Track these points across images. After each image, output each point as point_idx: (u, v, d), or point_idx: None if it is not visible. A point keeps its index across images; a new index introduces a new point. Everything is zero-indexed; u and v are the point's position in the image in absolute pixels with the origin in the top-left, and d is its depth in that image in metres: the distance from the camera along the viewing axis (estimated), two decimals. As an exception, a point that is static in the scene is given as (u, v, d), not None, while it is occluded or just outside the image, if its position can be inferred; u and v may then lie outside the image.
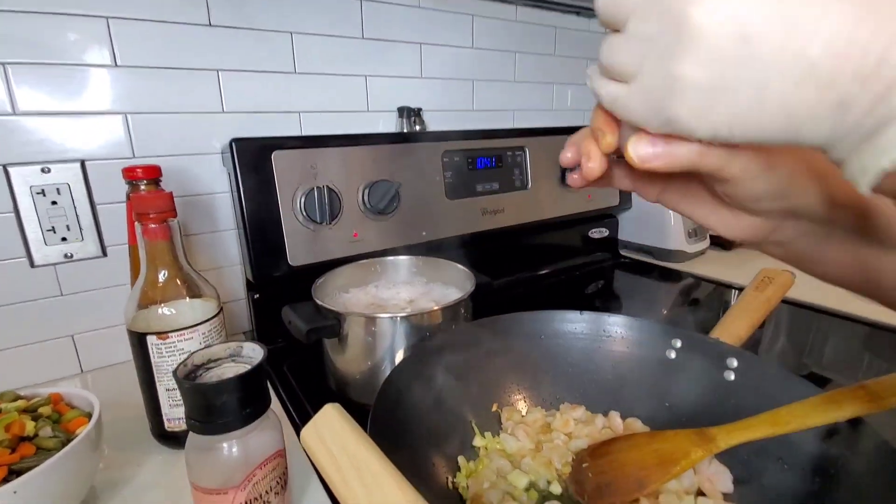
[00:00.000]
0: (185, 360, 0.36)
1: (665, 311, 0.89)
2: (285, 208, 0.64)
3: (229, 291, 0.73)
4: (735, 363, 0.47)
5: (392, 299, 0.66)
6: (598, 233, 1.10)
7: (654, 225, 1.08)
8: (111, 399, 0.57)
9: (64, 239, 0.59)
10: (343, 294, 0.65)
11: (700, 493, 0.41)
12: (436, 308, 0.54)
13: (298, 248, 0.66)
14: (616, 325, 0.55)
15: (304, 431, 0.29)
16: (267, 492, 0.36)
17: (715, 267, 1.03)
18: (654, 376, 0.52)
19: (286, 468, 0.39)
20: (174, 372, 0.34)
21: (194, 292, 0.48)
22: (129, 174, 0.51)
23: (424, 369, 0.47)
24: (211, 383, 0.33)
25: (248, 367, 0.35)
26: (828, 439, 0.38)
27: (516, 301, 0.90)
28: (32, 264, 0.58)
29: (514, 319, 0.56)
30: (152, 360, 0.45)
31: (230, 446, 0.34)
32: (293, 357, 0.67)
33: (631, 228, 1.13)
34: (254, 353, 0.38)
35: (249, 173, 0.62)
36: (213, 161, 0.68)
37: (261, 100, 0.70)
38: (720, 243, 1.14)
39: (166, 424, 0.47)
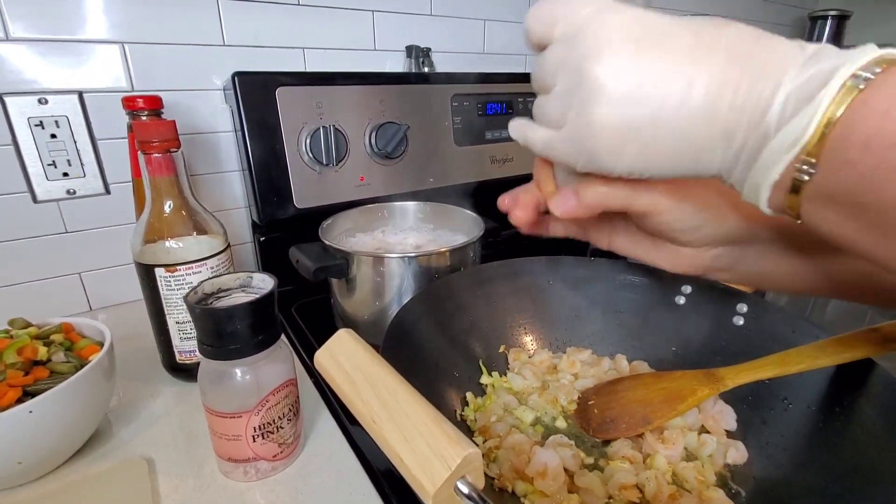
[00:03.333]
0: (196, 287, 0.36)
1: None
2: (290, 148, 0.63)
3: (235, 234, 0.73)
4: (745, 308, 0.47)
5: (399, 244, 0.65)
6: (606, 186, 1.08)
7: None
8: (122, 335, 0.58)
9: (65, 174, 0.58)
10: (349, 238, 0.65)
11: (704, 430, 0.42)
12: (444, 250, 0.54)
13: (304, 190, 0.65)
14: (625, 272, 0.55)
15: (319, 354, 0.29)
16: (280, 417, 0.37)
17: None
18: (662, 321, 0.52)
19: (297, 397, 0.39)
20: (185, 297, 0.34)
21: (201, 228, 0.47)
22: (130, 104, 0.49)
23: (433, 308, 0.47)
24: (222, 308, 0.33)
25: (259, 296, 0.34)
26: (834, 379, 0.39)
27: (524, 252, 0.89)
28: (35, 199, 0.57)
29: (523, 263, 0.55)
30: (161, 293, 0.45)
31: (243, 372, 0.35)
32: (301, 300, 0.67)
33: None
34: (263, 283, 0.38)
35: (253, 110, 0.60)
36: (214, 98, 0.66)
37: (263, 33, 0.67)
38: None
39: (177, 357, 0.47)
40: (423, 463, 0.21)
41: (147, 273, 0.44)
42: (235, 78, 0.58)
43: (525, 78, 0.86)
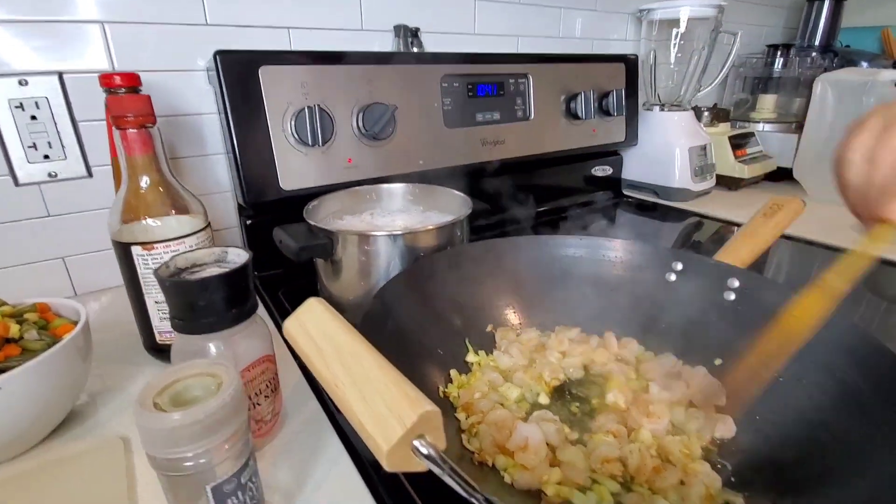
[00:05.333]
0: (168, 261, 0.35)
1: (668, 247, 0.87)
2: (275, 129, 0.62)
3: (222, 218, 0.72)
4: (736, 283, 0.46)
5: (387, 226, 0.64)
6: (601, 171, 1.07)
7: (660, 162, 1.04)
8: (106, 318, 0.58)
9: (47, 157, 0.57)
10: (337, 221, 0.64)
11: (692, 405, 0.41)
12: (431, 228, 0.53)
13: (290, 172, 0.64)
14: (616, 250, 0.54)
15: (287, 322, 0.28)
16: (256, 394, 0.36)
17: (720, 206, 1.01)
18: (653, 299, 0.51)
19: (276, 374, 0.39)
20: (155, 271, 0.33)
21: (180, 207, 0.46)
22: (106, 81, 0.48)
23: (415, 287, 0.46)
24: (192, 280, 0.32)
25: (230, 268, 0.33)
26: (827, 352, 0.38)
27: (515, 233, 0.88)
28: (17, 182, 0.56)
29: (508, 242, 0.54)
30: (139, 272, 0.44)
31: (216, 347, 0.34)
32: (289, 284, 0.67)
33: (635, 167, 1.10)
34: (238, 257, 0.37)
35: (236, 89, 0.59)
36: (198, 79, 0.65)
37: (247, 13, 0.65)
38: (726, 183, 1.11)
39: (157, 337, 0.47)
40: (379, 422, 0.20)
41: (124, 252, 0.43)
42: (217, 56, 0.57)
43: (515, 59, 0.85)
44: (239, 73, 0.59)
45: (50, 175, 0.58)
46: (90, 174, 0.60)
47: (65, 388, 0.38)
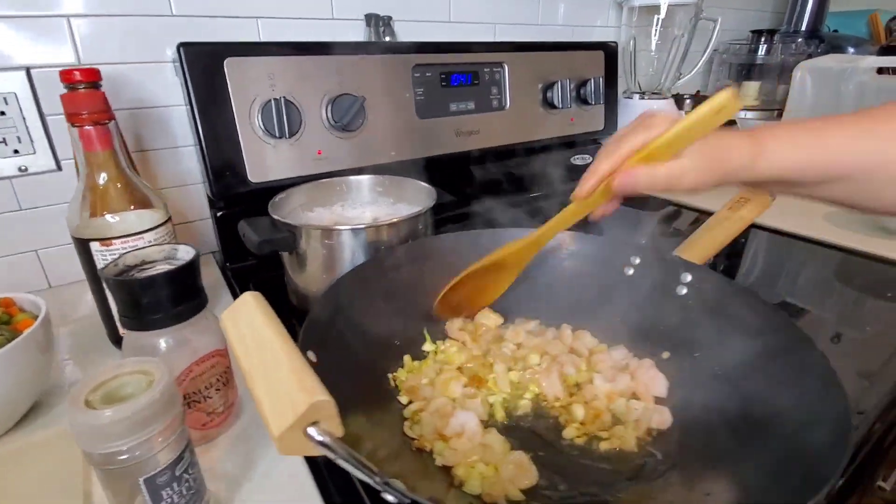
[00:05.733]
0: (116, 259, 0.36)
1: (643, 240, 0.88)
2: (242, 121, 0.62)
3: (194, 210, 0.73)
4: (688, 278, 0.47)
5: (357, 219, 0.65)
6: (581, 159, 1.07)
7: (640, 150, 1.04)
8: (76, 310, 0.59)
9: (16, 151, 0.57)
10: (307, 213, 0.64)
11: (635, 397, 0.43)
12: (394, 221, 0.53)
13: (259, 165, 0.65)
14: (577, 242, 0.55)
15: (223, 314, 0.30)
16: (207, 387, 0.38)
17: (698, 196, 1.01)
18: (612, 292, 0.52)
19: (228, 367, 0.40)
20: (101, 270, 0.34)
21: (140, 202, 0.47)
22: (67, 77, 0.48)
23: (371, 281, 0.47)
24: (136, 279, 0.33)
25: (176, 266, 0.35)
26: (762, 357, 0.39)
27: (489, 226, 0.89)
28: (-15, 176, 0.57)
29: (466, 236, 0.55)
30: (99, 267, 0.45)
31: (165, 342, 0.35)
32: (260, 275, 0.68)
33: (616, 155, 1.10)
34: (187, 254, 0.38)
35: (201, 82, 0.59)
36: (166, 71, 0.65)
37: (214, 3, 0.65)
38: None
39: (119, 330, 0.48)
40: (275, 409, 0.22)
41: (83, 248, 0.44)
42: (181, 49, 0.57)
43: (490, 47, 0.84)
44: (204, 65, 0.59)
45: (20, 169, 0.58)
46: (59, 167, 0.61)
47: (25, 381, 0.40)
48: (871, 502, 0.56)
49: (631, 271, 0.52)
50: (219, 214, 0.68)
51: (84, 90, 0.49)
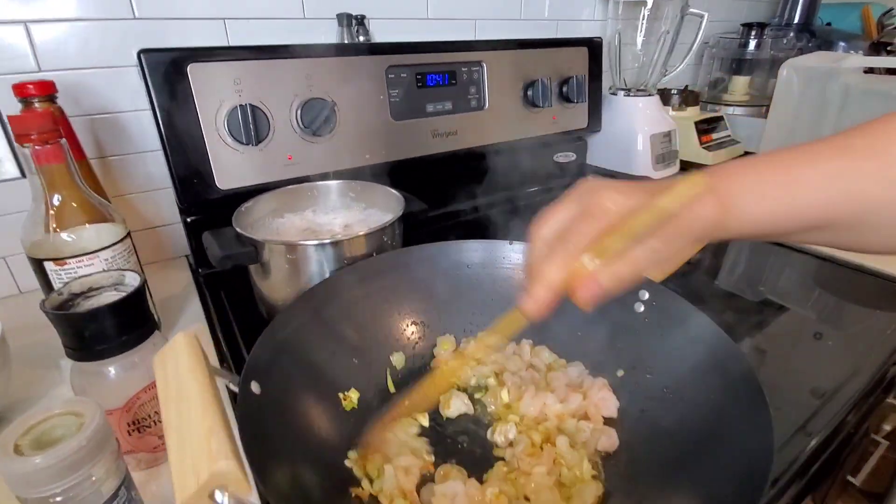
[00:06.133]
0: (61, 288, 0.36)
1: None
2: (208, 128, 0.61)
3: (166, 215, 0.72)
4: (646, 295, 0.48)
5: (327, 225, 0.65)
6: (564, 157, 1.06)
7: (622, 149, 1.03)
8: (41, 321, 0.59)
9: (-25, 159, 0.57)
10: (277, 219, 0.64)
11: (585, 417, 0.43)
12: (358, 234, 0.53)
13: (227, 172, 0.64)
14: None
15: (155, 356, 0.30)
16: (156, 412, 0.38)
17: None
18: (573, 307, 0.52)
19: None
20: (42, 303, 0.34)
21: (96, 217, 0.47)
22: (20, 91, 0.48)
23: (317, 313, 0.45)
24: (76, 314, 0.33)
25: (115, 299, 0.34)
26: (706, 375, 0.39)
27: (470, 230, 0.89)
28: (-53, 185, 0.56)
29: (420, 251, 0.54)
30: (54, 287, 0.45)
31: (108, 373, 0.35)
32: (232, 283, 0.67)
33: (598, 152, 1.09)
34: (135, 281, 0.38)
35: (164, 89, 0.58)
36: (132, 75, 0.64)
37: (178, 4, 0.64)
38: (689, 170, 1.10)
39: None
40: (181, 474, 0.22)
41: (38, 267, 0.44)
42: (141, 56, 0.56)
43: (468, 46, 0.83)
44: (165, 72, 0.58)
45: (-19, 178, 0.58)
46: (24, 174, 0.60)
47: (-20, 402, 0.40)
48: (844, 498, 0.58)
49: None
50: (189, 220, 0.67)
51: (41, 106, 0.48)
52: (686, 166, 1.09)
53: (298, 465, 0.34)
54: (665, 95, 1.11)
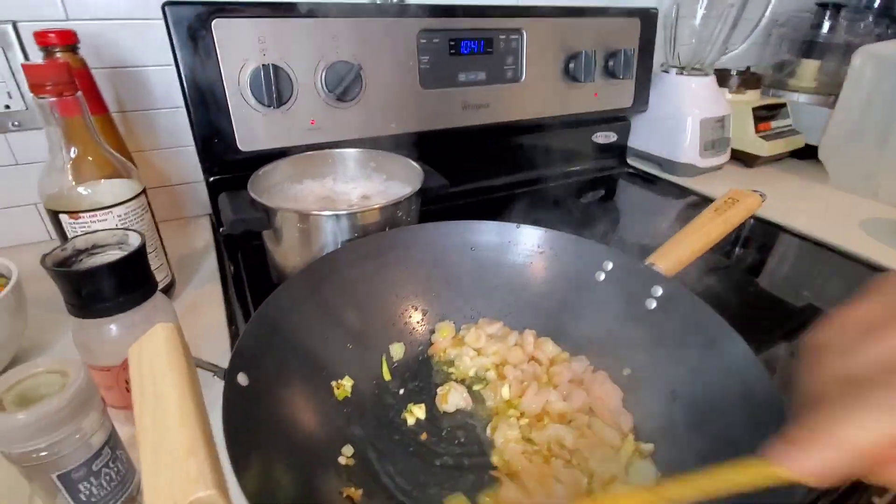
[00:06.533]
0: (66, 244, 0.36)
1: (647, 234, 0.83)
2: (231, 87, 0.60)
3: (192, 172, 0.73)
4: (659, 292, 0.44)
5: (345, 194, 0.63)
6: (604, 137, 1.00)
7: (667, 133, 0.96)
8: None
9: (7, 107, 0.58)
10: (296, 185, 0.63)
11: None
12: (373, 207, 0.51)
13: (249, 133, 0.63)
14: (551, 240, 0.51)
15: (131, 348, 0.28)
16: (154, 372, 0.38)
17: (727, 185, 0.93)
18: (580, 298, 0.49)
19: (180, 353, 0.40)
20: (42, 258, 0.34)
21: (112, 172, 0.47)
22: (42, 39, 0.47)
23: (314, 291, 0.44)
24: (74, 271, 0.33)
25: (114, 258, 0.34)
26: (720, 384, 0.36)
27: (495, 210, 0.85)
28: (-20, 130, 0.58)
29: (423, 231, 0.52)
30: (69, 237, 0.46)
31: (108, 330, 0.36)
32: (250, 246, 0.68)
33: (642, 135, 1.02)
34: (136, 242, 0.37)
35: (187, 44, 0.57)
36: (158, 29, 0.63)
37: (207, -44, 0.61)
38: (742, 159, 1.02)
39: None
40: (156, 497, 0.20)
41: (54, 218, 0.45)
42: (165, 9, 0.55)
43: (507, 12, 0.77)
44: (189, 26, 0.56)
45: (14, 125, 0.59)
46: (55, 124, 0.61)
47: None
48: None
49: (602, 277, 0.49)
50: (211, 180, 0.67)
51: (63, 54, 0.48)
52: (737, 156, 1.01)
53: (286, 465, 0.32)
54: (723, 76, 1.02)
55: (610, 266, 0.47)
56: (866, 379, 0.18)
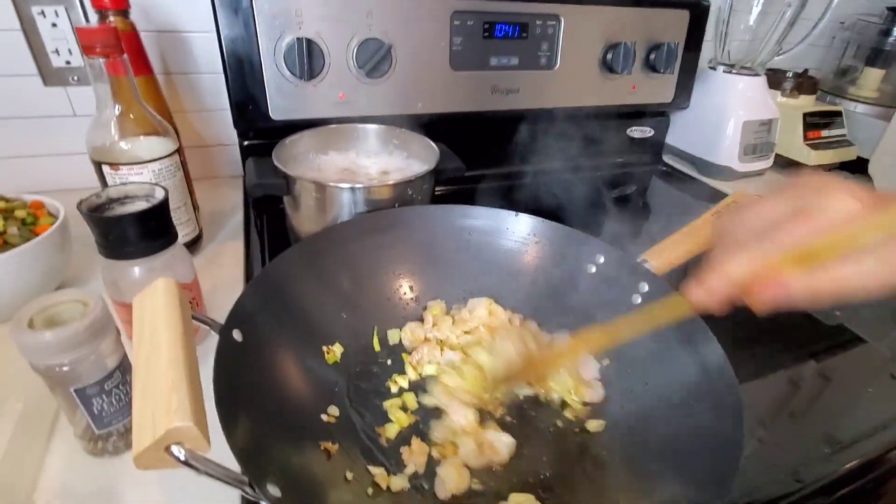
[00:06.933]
0: (100, 192, 0.40)
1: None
2: (266, 58, 0.63)
3: (229, 134, 0.77)
4: (645, 288, 0.45)
5: (366, 168, 0.66)
6: (640, 132, 0.97)
7: (707, 133, 0.93)
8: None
9: (68, 63, 0.64)
10: (321, 156, 0.66)
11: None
12: (387, 183, 0.54)
13: (281, 103, 0.66)
14: (546, 230, 0.52)
15: (135, 298, 0.31)
16: (168, 314, 0.43)
17: (766, 192, 0.89)
18: (569, 288, 0.50)
19: (194, 299, 0.45)
20: (79, 203, 0.38)
21: (150, 130, 0.51)
22: (97, 3, 0.52)
23: (311, 263, 0.46)
24: (103, 217, 0.38)
25: (139, 209, 0.38)
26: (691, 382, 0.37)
27: (514, 199, 0.86)
28: (45, 83, 0.64)
29: (413, 212, 0.53)
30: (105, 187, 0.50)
31: (133, 271, 0.40)
32: (275, 210, 0.71)
33: (680, 132, 0.99)
34: (160, 196, 0.41)
35: (229, 14, 0.60)
36: (206, -5, 0.67)
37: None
38: (786, 166, 0.97)
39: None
40: (140, 426, 0.23)
41: (98, 168, 0.50)
42: (212, -22, 0.58)
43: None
44: (232, -5, 0.60)
45: (73, 79, 0.65)
46: (109, 81, 0.67)
47: (42, 274, 0.47)
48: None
49: (593, 269, 0.49)
50: (244, 144, 0.72)
51: (115, 18, 0.52)
52: (782, 162, 0.96)
53: (271, 419, 0.34)
54: (776, 78, 0.97)
55: (602, 259, 0.48)
56: (748, 241, 0.27)
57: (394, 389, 0.44)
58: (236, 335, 0.35)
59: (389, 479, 0.36)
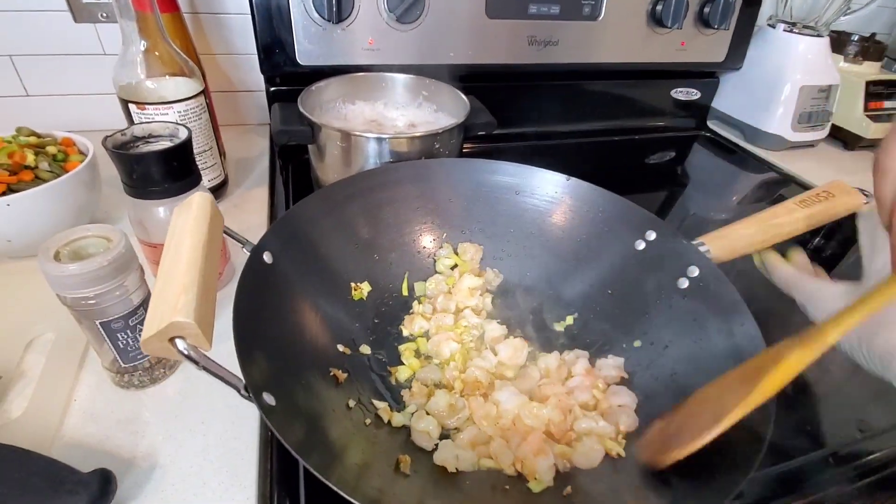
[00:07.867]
0: (126, 129, 0.40)
1: (711, 207, 0.77)
2: (295, -1, 0.61)
3: (256, 80, 0.76)
4: (696, 272, 0.42)
5: (393, 120, 0.64)
6: (685, 93, 0.91)
7: (759, 97, 0.86)
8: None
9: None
10: (348, 105, 0.64)
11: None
12: (415, 135, 0.52)
13: (308, 47, 0.64)
14: (599, 199, 0.49)
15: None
16: (192, 256, 0.43)
17: (817, 167, 0.84)
18: (615, 261, 0.48)
19: (223, 244, 0.45)
20: (104, 139, 0.38)
21: (177, 70, 0.50)
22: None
23: (355, 200, 0.46)
24: (128, 154, 0.37)
25: (161, 148, 0.38)
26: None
27: (550, 156, 0.83)
28: (75, 19, 0.63)
29: (437, 164, 0.51)
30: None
31: (158, 211, 0.40)
32: (300, 158, 0.71)
33: (729, 95, 0.92)
34: (183, 135, 0.41)
35: (257, -51, 0.57)
36: (236, -70, 0.64)
37: None
38: (842, 138, 0.90)
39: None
40: (152, 314, 0.24)
41: (125, 107, 0.50)
42: None
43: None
44: (261, -70, 0.57)
45: (101, 16, 0.64)
46: (137, 19, 0.65)
47: (71, 210, 0.48)
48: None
49: (642, 246, 0.47)
50: (271, 90, 0.70)
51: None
52: (837, 134, 0.90)
53: (287, 340, 0.35)
54: (840, 40, 0.89)
55: (653, 236, 0.46)
56: None
57: (405, 333, 0.44)
58: (266, 257, 0.35)
59: (392, 414, 0.37)
